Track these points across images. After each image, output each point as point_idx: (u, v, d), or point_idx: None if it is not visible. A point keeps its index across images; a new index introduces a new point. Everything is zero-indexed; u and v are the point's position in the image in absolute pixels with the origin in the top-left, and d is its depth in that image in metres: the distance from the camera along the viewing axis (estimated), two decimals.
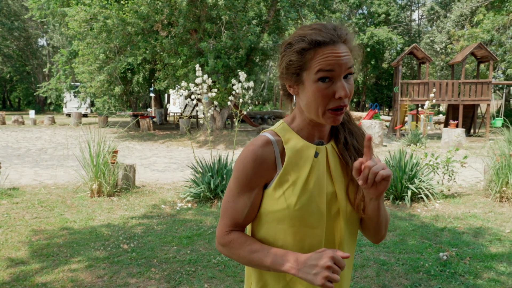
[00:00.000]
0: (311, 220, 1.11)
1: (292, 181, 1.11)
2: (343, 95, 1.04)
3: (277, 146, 1.13)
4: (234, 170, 1.16)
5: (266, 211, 1.14)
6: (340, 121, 1.10)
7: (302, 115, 1.16)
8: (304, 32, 1.08)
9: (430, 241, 4.28)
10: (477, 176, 7.31)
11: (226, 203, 1.17)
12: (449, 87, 15.30)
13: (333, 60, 1.04)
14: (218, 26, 13.93)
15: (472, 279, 3.34)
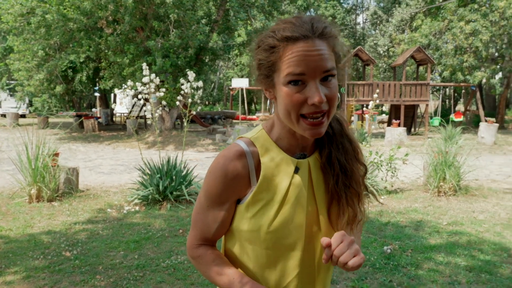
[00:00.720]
0: (287, 242, 0.98)
1: (266, 200, 0.97)
2: (316, 101, 0.87)
3: (252, 159, 0.99)
4: (204, 182, 1.03)
5: (237, 228, 1.01)
6: (321, 133, 0.92)
7: (282, 123, 0.99)
8: (277, 26, 0.93)
9: (375, 235, 4.45)
10: (417, 172, 7.73)
11: (196, 214, 1.06)
12: (392, 88, 16.06)
13: (303, 58, 0.88)
14: (166, 24, 13.64)
15: (414, 270, 3.52)
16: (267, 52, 0.93)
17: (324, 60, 0.89)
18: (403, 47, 19.79)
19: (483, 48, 16.19)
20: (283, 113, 0.94)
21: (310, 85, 0.88)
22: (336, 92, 0.93)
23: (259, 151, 1.00)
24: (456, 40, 16.75)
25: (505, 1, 15.45)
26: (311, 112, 0.89)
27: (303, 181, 1.00)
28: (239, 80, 21.15)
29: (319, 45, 0.89)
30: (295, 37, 0.89)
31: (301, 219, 0.99)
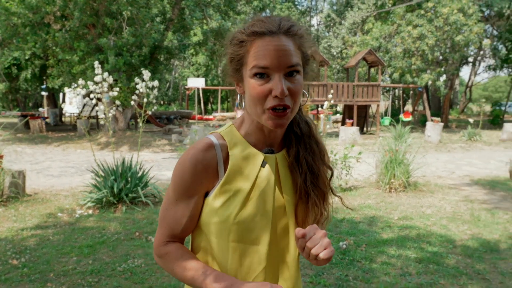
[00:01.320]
0: (252, 236, 1.00)
1: (234, 191, 1.00)
2: (279, 93, 0.91)
3: (221, 151, 1.02)
4: (172, 175, 1.04)
5: (205, 222, 1.03)
6: (283, 125, 0.97)
7: (250, 118, 1.03)
8: (248, 24, 0.98)
9: (331, 232, 4.58)
10: (370, 170, 8.02)
11: (164, 211, 1.06)
12: (345, 89, 16.57)
13: (268, 52, 0.92)
14: (119, 21, 13.24)
15: (368, 263, 3.65)
16: (236, 47, 0.98)
17: (288, 55, 0.93)
18: (355, 49, 20.47)
19: (429, 52, 17.10)
20: (249, 105, 0.98)
21: (274, 78, 0.93)
22: (300, 88, 0.96)
23: (228, 144, 1.03)
24: (405, 44, 17.56)
25: (448, 8, 16.41)
26: (274, 105, 0.93)
27: (270, 175, 1.03)
28: (196, 79, 20.93)
29: (285, 41, 0.93)
30: (262, 32, 0.93)
31: (267, 213, 1.01)
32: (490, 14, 20.69)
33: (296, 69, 0.95)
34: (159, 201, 5.97)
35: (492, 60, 28.36)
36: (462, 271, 3.51)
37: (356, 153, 7.25)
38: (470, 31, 16.46)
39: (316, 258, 0.92)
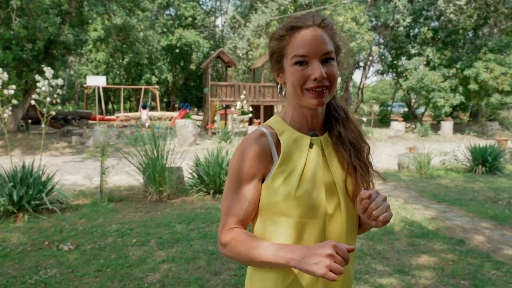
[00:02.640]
0: (311, 211, 1.08)
1: (289, 171, 1.09)
2: (318, 75, 1.04)
3: (272, 138, 1.12)
4: (231, 166, 1.13)
5: (266, 204, 1.10)
6: (323, 103, 1.09)
7: (292, 106, 1.16)
8: (286, 21, 1.12)
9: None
10: None
11: (226, 201, 1.13)
12: (252, 89, 17.10)
13: (305, 42, 1.06)
14: (7, 12, 11.92)
15: None
16: (277, 41, 1.13)
17: (323, 43, 1.07)
18: (260, 51, 21.20)
19: None
20: (290, 91, 1.11)
21: (313, 64, 1.07)
22: (336, 72, 1.10)
23: (277, 131, 1.14)
24: None
25: (343, 16, 17.91)
26: (314, 86, 1.07)
27: (318, 155, 1.14)
28: (96, 77, 19.64)
29: (319, 32, 1.08)
30: (298, 26, 1.09)
31: (320, 189, 1.11)
32: (377, 24, 23.05)
33: (331, 56, 1.08)
34: (67, 208, 5.60)
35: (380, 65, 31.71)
36: (366, 252, 3.97)
37: None
38: (362, 39, 18.17)
39: (375, 219, 1.01)
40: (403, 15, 19.59)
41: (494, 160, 8.66)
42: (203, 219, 5.05)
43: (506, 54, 18.01)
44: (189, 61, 36.83)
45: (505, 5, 19.18)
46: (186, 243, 4.21)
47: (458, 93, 18.68)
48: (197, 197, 6.22)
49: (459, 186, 7.42)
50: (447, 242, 4.37)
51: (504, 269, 3.68)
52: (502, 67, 17.41)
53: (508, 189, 7.13)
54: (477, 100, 19.27)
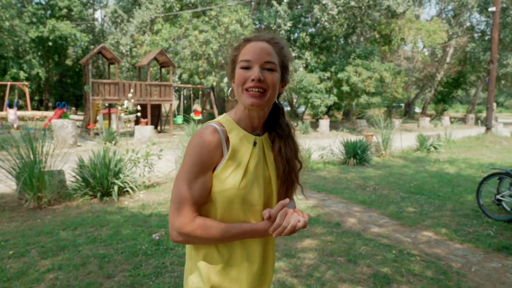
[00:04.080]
0: (253, 199, 1.29)
1: (236, 165, 1.27)
2: (254, 76, 1.23)
3: (222, 134, 1.28)
4: (187, 158, 1.25)
5: (216, 191, 1.26)
6: (259, 104, 1.26)
7: (240, 107, 1.33)
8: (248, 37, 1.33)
9: (142, 227, 4.69)
10: (170, 166, 8.39)
11: (184, 192, 1.24)
12: (138, 88, 16.48)
13: (251, 50, 1.27)
14: None
15: (181, 249, 3.97)
16: (234, 50, 1.34)
17: (266, 54, 1.27)
18: (145, 48, 20.53)
19: (214, 56, 18.75)
20: (235, 91, 1.31)
21: (254, 68, 1.27)
22: (275, 81, 1.28)
23: (226, 129, 1.31)
24: (192, 47, 18.72)
25: (228, 18, 18.38)
26: (251, 86, 1.26)
27: (259, 152, 1.34)
28: None
29: (266, 45, 1.29)
30: (250, 39, 1.31)
31: (260, 181, 1.32)
32: (261, 27, 24.16)
33: (272, 67, 1.28)
34: None
35: None
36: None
37: (157, 151, 7.47)
38: None
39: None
40: (284, 20, 20.90)
41: (363, 153, 9.86)
42: (91, 223, 4.79)
43: (370, 60, 20.50)
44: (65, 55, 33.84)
45: (369, 17, 21.83)
46: (73, 249, 3.96)
47: (332, 94, 20.64)
48: (82, 201, 5.84)
49: (335, 176, 8.29)
50: (326, 226, 4.90)
51: (371, 244, 4.29)
52: (368, 71, 19.77)
53: (374, 177, 8.22)
54: (349, 101, 21.56)
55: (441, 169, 9.26)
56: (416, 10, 27.31)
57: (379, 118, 11.63)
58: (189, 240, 1.27)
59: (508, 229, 4.92)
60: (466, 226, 5.06)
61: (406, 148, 12.71)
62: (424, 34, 24.04)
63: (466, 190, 7.04)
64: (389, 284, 3.36)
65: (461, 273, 3.65)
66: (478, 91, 35.37)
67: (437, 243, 4.45)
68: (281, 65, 1.33)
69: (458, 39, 29.14)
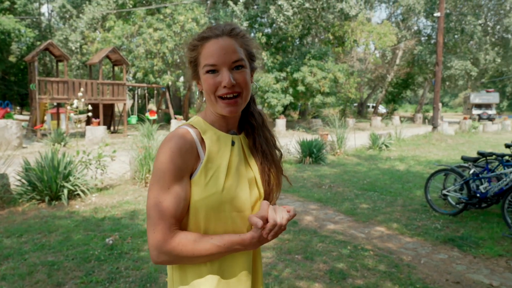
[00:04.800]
0: (239, 204, 1.16)
1: (215, 168, 1.15)
2: (225, 83, 1.12)
3: (196, 137, 1.16)
4: (158, 166, 1.10)
5: (196, 199, 1.12)
6: (236, 111, 1.17)
7: (212, 109, 1.22)
8: (200, 32, 1.19)
9: (94, 231, 4.50)
10: (124, 168, 8.13)
11: (158, 204, 1.09)
12: (89, 87, 15.84)
13: (214, 52, 1.13)
14: None
15: (136, 253, 3.85)
16: (190, 51, 1.20)
17: (232, 52, 1.14)
18: (97, 45, 19.77)
19: (169, 55, 18.41)
20: (207, 98, 1.19)
21: (222, 72, 1.14)
22: (247, 79, 1.17)
23: (200, 131, 1.19)
24: (147, 45, 18.26)
25: (184, 16, 18.11)
26: (225, 93, 1.14)
27: (239, 152, 1.22)
28: None
29: (228, 41, 1.15)
30: (208, 36, 1.15)
31: (243, 183, 1.19)
32: None
33: (241, 64, 1.15)
34: None
35: None
36: None
37: (110, 152, 7.21)
38: None
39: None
40: (240, 19, 20.91)
41: (318, 152, 10.07)
42: (39, 229, 4.54)
43: (325, 61, 20.99)
44: (8, 52, 31.85)
45: (323, 19, 22.34)
46: (19, 257, 3.73)
47: (288, 94, 20.92)
48: (29, 206, 5.52)
49: (292, 175, 8.40)
50: None
51: (327, 241, 4.38)
52: (322, 72, 20.23)
53: (329, 175, 8.41)
54: (304, 100, 21.96)
55: (392, 167, 9.65)
56: (367, 13, 28.33)
57: (334, 117, 11.93)
58: (172, 259, 1.11)
59: (453, 222, 5.21)
60: (416, 220, 5.30)
61: (360, 147, 13.14)
62: (375, 36, 24.98)
63: (415, 186, 7.38)
64: (344, 279, 3.45)
65: (412, 266, 3.81)
66: (425, 91, 37.26)
67: (389, 238, 4.62)
68: (248, 56, 1.21)
69: (407, 42, 30.53)
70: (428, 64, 30.34)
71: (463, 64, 29.39)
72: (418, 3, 29.44)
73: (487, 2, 31.12)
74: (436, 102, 17.82)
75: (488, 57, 31.64)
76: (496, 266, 3.87)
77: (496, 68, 36.97)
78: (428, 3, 29.73)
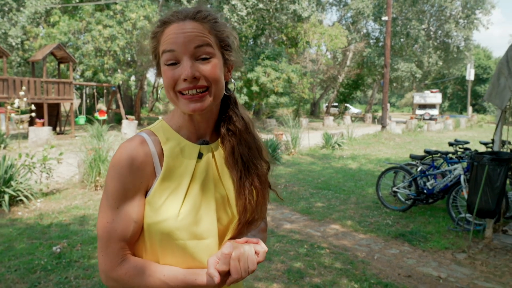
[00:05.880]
0: (199, 231, 0.96)
1: (173, 187, 0.95)
2: (185, 75, 0.91)
3: (154, 147, 0.96)
4: (107, 181, 0.93)
5: (149, 222, 0.95)
6: (202, 108, 0.94)
7: (179, 111, 1.00)
8: (161, 17, 0.98)
9: (40, 239, 4.23)
10: (72, 171, 7.73)
11: (106, 225, 0.93)
12: (32, 85, 14.95)
13: (173, 37, 0.93)
14: None
15: (87, 261, 3.65)
16: (152, 40, 0.99)
17: (194, 37, 0.93)
18: (40, 41, 18.71)
19: (120, 53, 17.79)
20: (166, 94, 0.98)
21: (183, 62, 0.93)
22: (216, 70, 0.95)
23: (161, 139, 0.98)
24: (96, 42, 17.53)
25: (136, 13, 17.58)
26: (185, 87, 0.94)
27: (208, 167, 1.01)
28: None
29: (191, 26, 0.94)
30: (169, 20, 0.95)
31: (209, 205, 0.99)
32: None
33: (207, 52, 0.94)
34: None
35: None
36: None
37: (56, 154, 6.83)
38: None
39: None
40: None
41: (274, 152, 10.14)
42: None
43: (278, 61, 21.22)
44: None
45: (277, 20, 22.59)
46: None
47: (243, 94, 20.95)
48: None
49: None
50: None
51: (285, 240, 4.40)
52: (276, 72, 20.44)
53: (285, 175, 8.49)
54: (259, 100, 22.07)
55: (345, 165, 9.93)
56: (319, 15, 29.00)
57: (288, 117, 12.08)
58: (120, 286, 0.96)
59: (403, 218, 5.43)
60: (368, 217, 5.46)
61: (313, 146, 13.40)
62: (327, 38, 25.62)
63: (367, 184, 7.63)
64: (302, 278, 3.47)
65: (366, 262, 3.92)
66: (374, 92, 38.79)
67: (344, 235, 4.73)
68: (219, 44, 0.99)
69: (356, 44, 31.59)
70: (376, 66, 31.57)
71: (409, 66, 30.89)
72: (367, 7, 30.57)
73: (430, 8, 32.93)
74: (385, 102, 18.58)
75: (431, 60, 33.48)
76: (443, 259, 4.08)
77: (438, 71, 39.22)
78: (376, 7, 30.96)
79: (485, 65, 47.11)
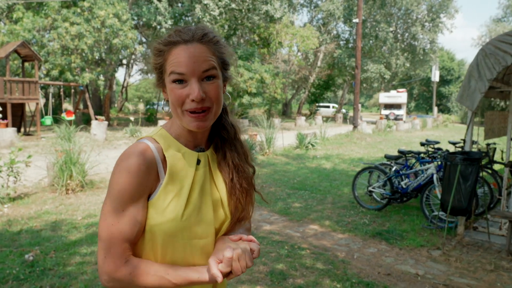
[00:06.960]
0: (200, 230, 1.06)
1: (176, 191, 1.04)
2: (195, 97, 0.99)
3: (157, 153, 1.04)
4: (112, 185, 1.00)
5: (152, 223, 1.02)
6: (205, 126, 1.04)
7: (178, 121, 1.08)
8: (166, 35, 1.05)
9: (10, 247, 4.03)
10: (41, 174, 7.43)
11: (111, 227, 0.99)
12: None
13: (183, 59, 1.00)
14: None
15: (62, 268, 3.51)
16: (156, 57, 1.06)
17: (202, 61, 1.01)
18: (3, 39, 17.90)
19: (88, 51, 17.28)
20: (172, 109, 1.05)
21: (191, 83, 1.01)
22: (219, 92, 1.05)
23: (162, 146, 1.06)
24: (63, 40, 16.95)
25: (105, 11, 17.11)
26: (193, 108, 1.02)
27: (205, 172, 1.11)
28: None
29: (199, 48, 1.02)
30: (177, 41, 1.02)
31: (208, 207, 1.09)
32: (139, 23, 23.09)
33: (212, 74, 1.03)
34: None
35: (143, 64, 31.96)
36: None
37: (23, 157, 6.54)
38: (125, 36, 17.84)
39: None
40: (164, 17, 20.32)
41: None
42: None
43: (251, 62, 21.22)
44: None
45: (249, 20, 22.58)
46: None
47: None
48: None
49: None
50: None
51: (265, 242, 4.39)
52: (249, 72, 20.43)
53: (260, 175, 8.49)
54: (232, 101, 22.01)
55: (319, 165, 10.04)
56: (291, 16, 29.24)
57: (262, 117, 12.09)
58: (123, 286, 1.02)
59: (379, 217, 5.53)
60: (346, 216, 5.54)
61: (287, 146, 13.48)
62: (298, 39, 25.86)
63: (342, 183, 7.74)
64: (285, 280, 3.47)
65: (346, 261, 3.96)
66: (345, 92, 39.48)
67: (323, 235, 4.77)
68: (221, 65, 1.09)
69: (327, 45, 32.06)
70: (347, 67, 32.14)
71: (378, 67, 31.64)
72: (337, 9, 31.07)
73: (397, 11, 33.85)
74: (356, 103, 18.94)
75: (399, 62, 34.40)
76: (420, 256, 4.18)
77: (405, 72, 40.36)
78: (346, 9, 31.51)
79: (449, 67, 48.91)
